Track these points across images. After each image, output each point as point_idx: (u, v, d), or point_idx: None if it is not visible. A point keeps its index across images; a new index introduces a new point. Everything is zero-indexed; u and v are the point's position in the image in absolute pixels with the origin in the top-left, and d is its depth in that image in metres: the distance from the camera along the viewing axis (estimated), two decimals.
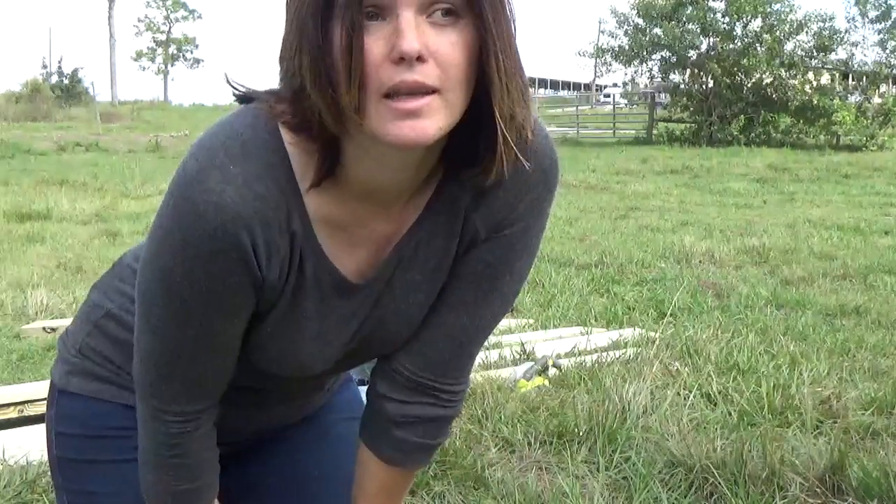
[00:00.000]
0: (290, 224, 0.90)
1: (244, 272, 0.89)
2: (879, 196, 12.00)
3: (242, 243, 0.87)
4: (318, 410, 1.31)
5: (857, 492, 2.35)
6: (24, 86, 34.87)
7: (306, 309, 0.97)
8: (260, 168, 0.87)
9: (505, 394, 3.22)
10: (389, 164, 0.90)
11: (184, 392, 0.98)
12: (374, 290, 1.01)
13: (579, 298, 5.08)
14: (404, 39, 0.78)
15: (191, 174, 0.86)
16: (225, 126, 0.89)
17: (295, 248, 0.92)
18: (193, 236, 0.86)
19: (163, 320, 0.93)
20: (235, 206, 0.85)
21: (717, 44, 22.12)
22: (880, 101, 21.55)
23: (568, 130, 27.30)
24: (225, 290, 0.90)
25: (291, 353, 1.01)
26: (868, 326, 4.47)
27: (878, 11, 23.04)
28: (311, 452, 1.29)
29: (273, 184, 0.88)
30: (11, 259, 6.36)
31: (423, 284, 1.02)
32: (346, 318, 1.01)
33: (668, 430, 2.81)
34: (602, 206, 10.27)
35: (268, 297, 0.94)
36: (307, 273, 0.95)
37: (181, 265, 0.88)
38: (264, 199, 0.87)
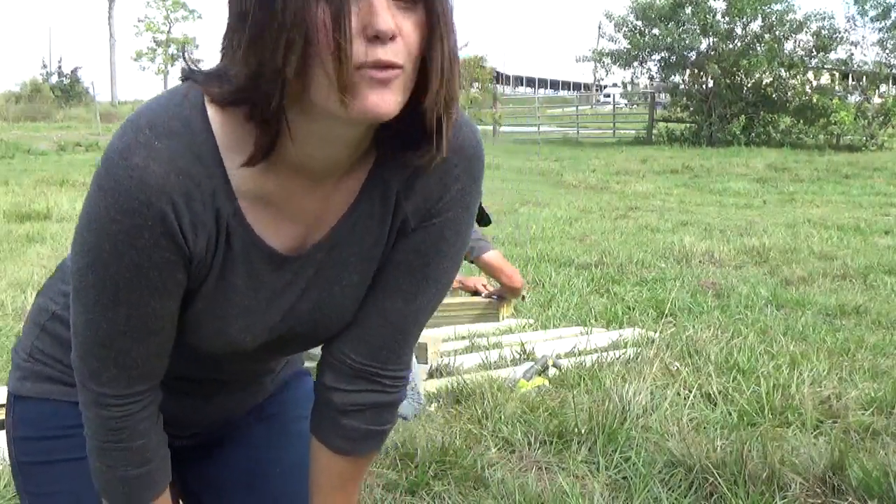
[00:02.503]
0: (215, 200, 0.91)
1: (171, 247, 0.90)
2: (879, 196, 12.00)
3: (167, 218, 0.88)
4: (276, 406, 1.31)
5: (857, 492, 2.35)
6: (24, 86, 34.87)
7: (235, 283, 0.98)
8: (184, 144, 0.88)
9: (505, 394, 3.22)
10: (335, 142, 0.91)
11: (122, 375, 0.98)
12: (305, 267, 1.01)
13: (579, 298, 5.08)
14: (380, 18, 0.81)
15: (116, 151, 0.87)
16: (153, 104, 0.91)
17: (221, 223, 0.93)
18: (119, 212, 0.87)
19: (95, 301, 0.93)
20: (159, 180, 0.86)
21: (716, 44, 22.12)
22: (880, 101, 21.53)
23: (568, 130, 27.30)
24: (153, 267, 0.90)
25: (221, 329, 1.01)
26: (868, 326, 4.47)
27: (878, 10, 23.03)
28: (270, 450, 1.29)
29: (197, 160, 0.89)
30: (11, 259, 6.36)
31: (356, 267, 1.03)
32: (276, 293, 1.02)
33: (668, 430, 2.81)
34: (602, 206, 10.26)
35: (196, 273, 0.95)
36: (235, 248, 0.96)
37: (108, 242, 0.88)
38: (188, 175, 0.88)
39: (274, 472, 1.28)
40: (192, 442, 1.25)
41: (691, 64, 22.79)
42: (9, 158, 16.79)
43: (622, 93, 30.90)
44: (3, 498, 2.32)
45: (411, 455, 2.66)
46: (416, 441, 2.75)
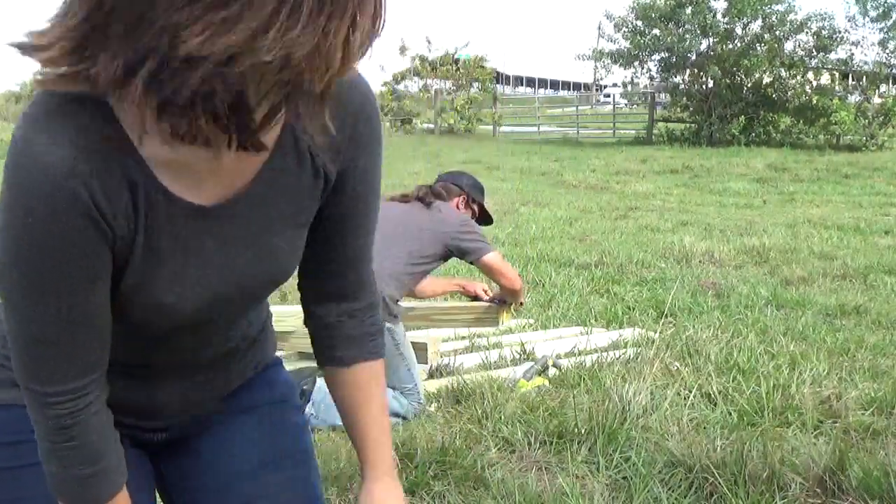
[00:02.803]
0: (127, 173, 0.90)
1: (90, 227, 0.89)
2: (879, 196, 12.00)
3: (81, 198, 0.87)
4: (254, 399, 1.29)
5: (857, 492, 2.35)
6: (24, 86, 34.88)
7: (161, 249, 0.97)
8: (85, 123, 0.87)
9: (505, 394, 3.22)
10: None
11: (63, 370, 0.97)
12: (229, 220, 1.00)
13: (579, 298, 5.08)
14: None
15: (19, 143, 0.86)
16: (47, 91, 0.89)
17: (138, 195, 0.92)
18: (33, 202, 0.86)
19: (23, 298, 0.92)
20: (66, 163, 0.85)
21: (716, 44, 22.12)
22: (880, 101, 21.53)
23: (568, 130, 27.30)
24: (76, 252, 0.89)
25: (156, 300, 0.99)
26: (868, 326, 4.47)
27: (879, 11, 23.02)
28: (245, 444, 1.28)
29: (98, 135, 0.88)
30: None
31: (285, 220, 1.05)
32: (205, 252, 1.00)
33: (668, 430, 2.81)
34: (602, 206, 10.26)
35: (121, 250, 0.94)
36: (156, 214, 0.95)
37: (29, 234, 0.87)
38: (94, 152, 0.87)
39: (245, 466, 1.26)
40: (168, 436, 1.23)
41: (691, 64, 22.79)
42: None
43: (622, 93, 30.90)
44: None
45: (411, 455, 2.66)
46: (416, 441, 2.75)
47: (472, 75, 27.81)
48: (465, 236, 3.32)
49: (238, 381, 1.28)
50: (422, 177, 10.79)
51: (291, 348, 3.79)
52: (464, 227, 3.34)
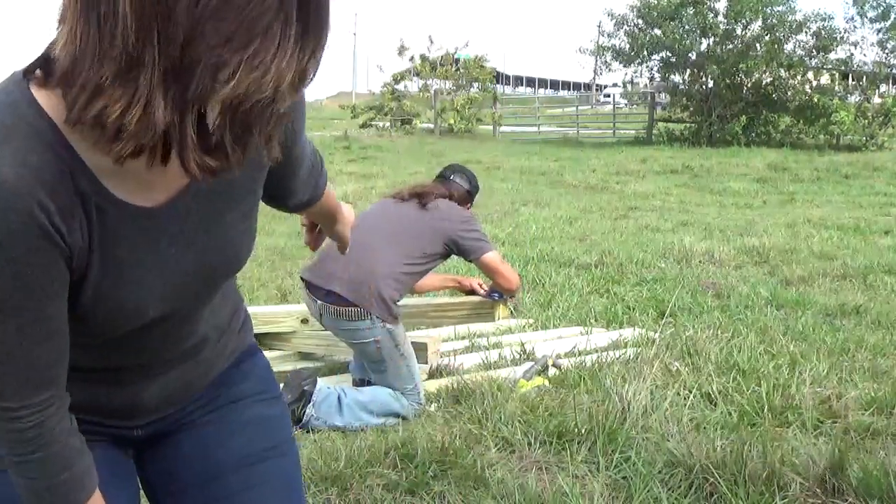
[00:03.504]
0: (76, 186, 0.90)
1: (48, 246, 0.89)
2: (879, 196, 12.00)
3: (37, 218, 0.87)
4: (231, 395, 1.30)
5: (857, 492, 2.35)
6: None
7: (118, 256, 0.97)
8: (29, 141, 0.87)
9: (505, 394, 3.22)
10: None
11: (24, 385, 0.97)
12: (177, 216, 1.01)
13: (579, 298, 5.08)
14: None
15: None
16: None
17: (89, 206, 0.92)
18: None
19: None
20: (16, 182, 0.85)
21: (716, 45, 22.12)
22: (880, 101, 21.52)
23: (568, 130, 27.29)
24: (35, 271, 0.89)
25: (118, 308, 1.00)
26: (868, 326, 4.47)
27: (877, 11, 23.02)
28: (223, 437, 1.28)
29: (47, 152, 0.87)
30: None
31: (229, 205, 1.07)
32: (159, 253, 1.01)
33: (668, 430, 2.81)
34: (602, 206, 10.26)
35: (79, 263, 0.94)
36: (109, 223, 0.95)
37: None
38: (43, 170, 0.87)
39: (224, 460, 1.27)
40: (148, 432, 1.24)
41: (691, 64, 22.79)
42: None
43: (622, 93, 30.90)
44: None
45: (411, 455, 2.66)
46: (416, 441, 2.75)
47: (472, 75, 27.80)
48: (466, 234, 3.32)
49: (215, 371, 1.28)
50: (422, 177, 10.79)
51: (292, 348, 3.79)
52: (465, 224, 3.34)
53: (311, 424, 3.03)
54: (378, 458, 2.67)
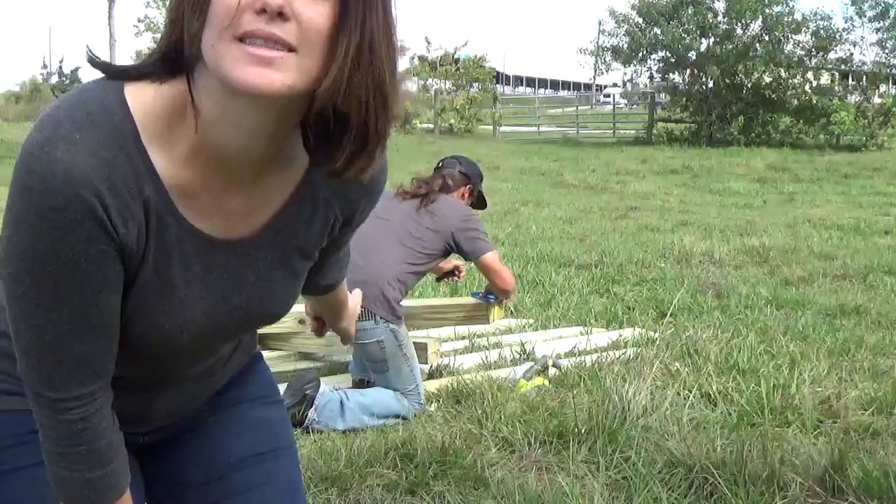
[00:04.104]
0: (141, 190, 0.91)
1: (104, 239, 0.89)
2: (879, 196, 12.00)
3: (96, 210, 0.87)
4: (233, 397, 1.30)
5: (857, 492, 2.35)
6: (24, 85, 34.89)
7: (169, 278, 0.98)
8: (106, 135, 0.87)
9: (505, 394, 3.22)
10: (241, 125, 0.91)
11: (75, 376, 0.97)
12: (235, 257, 1.02)
13: (579, 298, 5.08)
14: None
15: (36, 147, 0.86)
16: (70, 97, 0.90)
17: (150, 214, 0.93)
18: (46, 209, 0.86)
19: (36, 305, 0.92)
20: (84, 173, 0.85)
21: (716, 44, 22.12)
22: (880, 101, 21.52)
23: (568, 130, 27.28)
24: (90, 261, 0.90)
25: (157, 325, 1.00)
26: (868, 326, 4.47)
27: (876, 11, 23.00)
28: (227, 440, 1.28)
29: (120, 150, 0.88)
30: None
31: (285, 263, 1.07)
32: (208, 284, 1.02)
33: (668, 430, 2.81)
34: (602, 206, 10.26)
35: (130, 266, 0.94)
36: (167, 238, 0.95)
37: (40, 242, 0.87)
38: (112, 166, 0.87)
39: (227, 462, 1.27)
40: (153, 439, 1.24)
41: (691, 64, 22.79)
42: (9, 158, 16.77)
43: (622, 93, 30.91)
44: None
45: (411, 455, 2.66)
46: (416, 441, 2.75)
47: (472, 75, 27.79)
48: (466, 233, 3.31)
49: (225, 380, 1.29)
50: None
51: (291, 348, 3.79)
52: (466, 223, 3.33)
53: (313, 426, 3.03)
54: (378, 459, 2.67)
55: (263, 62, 0.84)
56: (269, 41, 0.84)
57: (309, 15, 0.84)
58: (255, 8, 0.83)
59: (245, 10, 0.83)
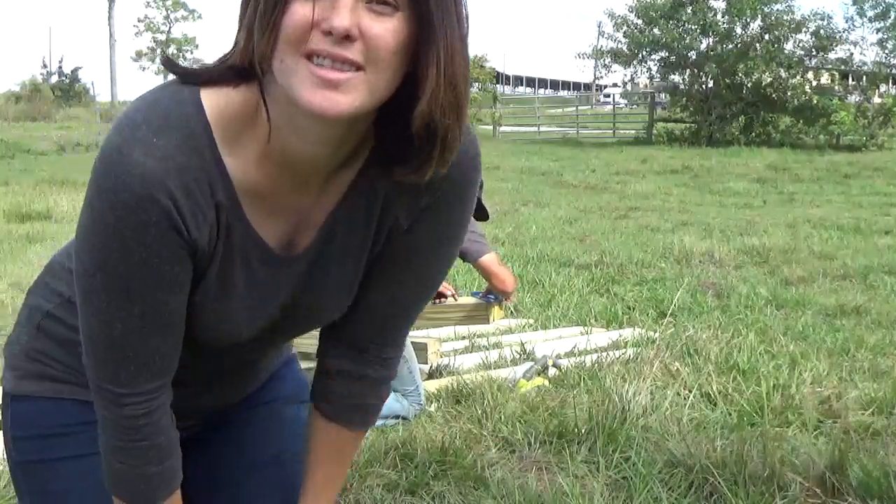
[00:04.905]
0: (214, 193, 0.92)
1: (177, 240, 0.91)
2: (879, 196, 12.00)
3: (170, 212, 0.89)
4: (267, 395, 1.31)
5: (857, 492, 2.35)
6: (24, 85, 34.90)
7: (234, 278, 0.99)
8: (181, 138, 0.89)
9: (505, 394, 3.22)
10: (307, 136, 0.92)
11: (141, 372, 0.99)
12: (299, 265, 1.03)
13: (579, 298, 5.08)
14: (337, 15, 0.82)
15: (114, 149, 0.88)
16: (147, 100, 0.91)
17: (221, 216, 0.94)
18: (121, 209, 0.87)
19: (107, 302, 0.94)
20: (158, 176, 0.87)
21: (715, 44, 22.12)
22: (880, 101, 21.53)
23: (568, 130, 27.28)
24: (162, 261, 0.91)
25: (218, 323, 1.02)
26: (868, 326, 4.47)
27: (877, 11, 23.01)
28: (261, 437, 1.30)
29: (195, 154, 0.90)
30: (11, 259, 6.36)
31: (343, 261, 1.05)
32: (271, 290, 1.03)
33: (668, 430, 2.81)
34: (602, 206, 10.27)
35: (198, 265, 0.96)
36: (235, 242, 0.97)
37: (114, 241, 0.89)
38: (186, 169, 0.89)
39: (262, 459, 1.28)
40: (189, 434, 1.25)
41: (691, 64, 22.79)
42: (9, 158, 16.80)
43: (622, 93, 30.89)
44: (3, 498, 2.32)
45: (411, 455, 2.66)
46: (416, 441, 2.75)
47: (472, 75, 27.80)
48: None
49: (263, 380, 1.31)
50: None
51: (295, 346, 3.78)
52: None
53: None
54: (378, 458, 2.67)
55: (330, 85, 0.84)
56: (336, 60, 0.84)
57: (376, 32, 0.84)
58: (323, 29, 0.83)
59: (313, 29, 0.83)
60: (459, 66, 0.88)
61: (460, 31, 0.88)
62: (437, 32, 0.86)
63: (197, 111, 0.90)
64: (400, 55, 0.86)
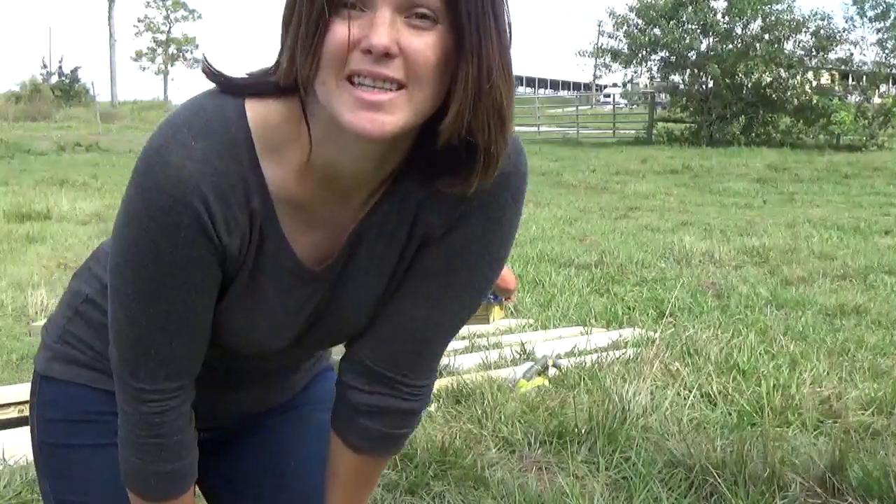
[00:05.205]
0: (249, 201, 0.92)
1: (206, 245, 0.91)
2: (879, 196, 12.00)
3: (202, 216, 0.89)
4: (296, 401, 1.31)
5: (857, 492, 2.35)
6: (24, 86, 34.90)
7: (264, 288, 0.99)
8: (221, 144, 0.89)
9: (505, 394, 3.22)
10: (350, 153, 0.92)
11: (161, 370, 0.99)
12: (329, 273, 1.03)
13: (579, 298, 5.08)
14: (375, 33, 0.82)
15: (154, 148, 0.89)
16: (193, 103, 0.92)
17: (254, 225, 0.94)
18: (155, 210, 0.88)
19: (133, 297, 0.95)
20: (194, 180, 0.87)
21: (716, 44, 22.13)
22: (880, 101, 21.54)
23: (568, 130, 27.28)
24: (190, 264, 0.92)
25: (247, 331, 1.02)
26: (868, 326, 4.47)
27: (877, 11, 23.02)
28: (288, 443, 1.29)
29: (233, 160, 0.90)
30: (11, 259, 6.36)
31: (372, 271, 1.04)
32: (301, 301, 1.03)
33: (668, 430, 2.81)
34: (602, 206, 10.27)
35: (228, 272, 0.96)
36: (267, 252, 0.97)
37: (145, 239, 0.90)
38: (223, 175, 0.89)
39: (288, 465, 1.28)
40: (214, 436, 1.25)
41: (691, 64, 22.80)
42: (9, 158, 16.78)
43: (622, 93, 30.89)
44: (3, 498, 2.32)
45: (411, 455, 2.66)
46: (416, 441, 2.75)
47: None
48: None
49: (298, 389, 1.30)
50: None
51: None
52: None
53: None
54: None
55: (373, 107, 0.84)
56: (377, 79, 0.83)
57: (416, 47, 0.83)
58: (362, 47, 0.82)
59: (353, 49, 0.83)
60: (499, 77, 0.86)
61: (500, 41, 0.86)
62: (470, 45, 0.84)
63: (239, 118, 0.91)
64: (442, 69, 0.85)
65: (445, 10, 0.84)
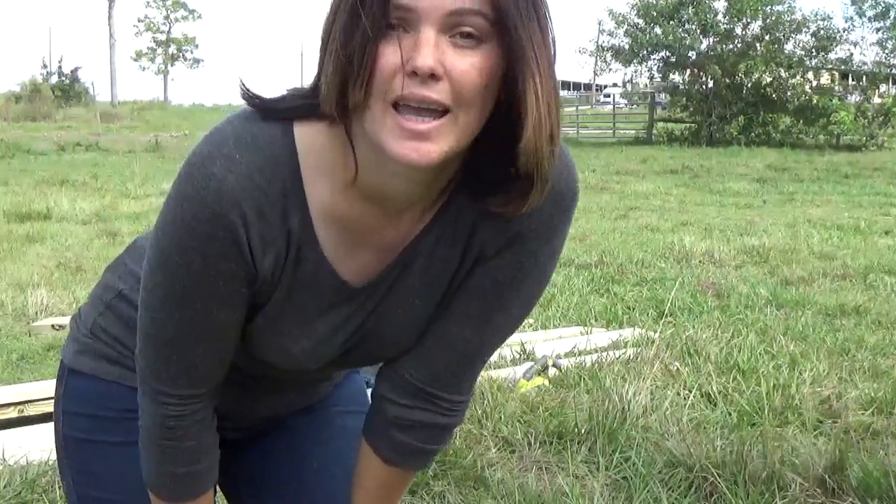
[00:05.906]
0: (287, 220, 0.92)
1: (237, 260, 0.91)
2: (879, 196, 12.00)
3: (237, 231, 0.89)
4: (322, 402, 1.31)
5: (857, 492, 2.35)
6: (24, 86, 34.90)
7: (303, 306, 0.99)
8: (265, 160, 0.89)
9: (505, 394, 3.22)
10: (397, 176, 0.91)
11: (181, 375, 0.99)
12: (374, 293, 1.01)
13: (579, 298, 5.08)
14: (419, 55, 0.80)
15: (199, 158, 0.89)
16: (241, 116, 0.92)
17: (292, 244, 0.94)
18: (192, 219, 0.88)
19: (162, 301, 0.95)
20: (233, 193, 0.87)
21: (716, 44, 22.13)
22: (880, 101, 21.54)
23: (568, 130, 27.28)
24: (218, 277, 0.92)
25: (284, 348, 1.02)
26: (868, 326, 4.47)
27: (876, 11, 23.03)
28: (312, 444, 1.29)
29: (275, 177, 0.90)
30: (11, 259, 6.36)
31: (421, 291, 1.02)
32: (343, 320, 1.02)
33: (668, 430, 2.81)
34: (602, 206, 10.26)
35: (260, 291, 0.96)
36: (304, 271, 0.96)
37: (179, 246, 0.90)
38: (263, 191, 0.89)
39: (312, 465, 1.27)
40: (239, 436, 1.25)
41: (691, 64, 22.80)
42: (9, 158, 16.78)
43: (622, 93, 30.91)
44: (3, 498, 2.32)
45: None
46: None
47: None
48: None
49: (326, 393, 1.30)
50: None
51: None
52: None
53: None
54: None
55: (419, 137, 0.82)
56: (422, 103, 0.81)
57: (461, 69, 0.81)
58: (407, 70, 0.81)
59: (397, 73, 0.81)
60: (551, 91, 0.85)
61: (548, 55, 0.85)
62: (528, 61, 0.82)
63: (285, 135, 0.90)
64: (488, 89, 0.84)
65: (491, 29, 0.82)
